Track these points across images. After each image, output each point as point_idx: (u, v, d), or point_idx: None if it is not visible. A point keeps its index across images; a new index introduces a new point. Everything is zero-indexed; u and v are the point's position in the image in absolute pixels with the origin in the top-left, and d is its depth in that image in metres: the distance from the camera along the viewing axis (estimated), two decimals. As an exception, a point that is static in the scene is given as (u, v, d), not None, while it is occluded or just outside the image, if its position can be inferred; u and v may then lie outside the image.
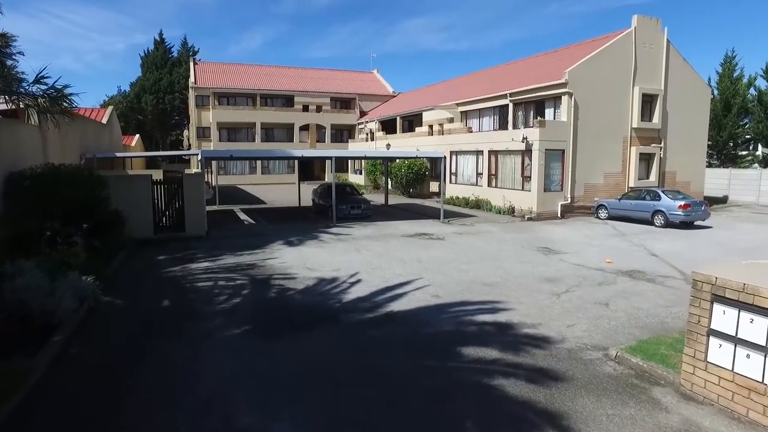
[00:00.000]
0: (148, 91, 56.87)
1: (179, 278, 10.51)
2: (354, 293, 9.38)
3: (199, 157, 17.86)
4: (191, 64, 48.20)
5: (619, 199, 21.45)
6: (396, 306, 8.57)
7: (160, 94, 56.94)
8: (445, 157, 21.25)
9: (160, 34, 59.57)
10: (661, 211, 19.38)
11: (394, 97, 50.13)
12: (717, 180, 30.92)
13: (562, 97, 22.74)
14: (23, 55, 8.47)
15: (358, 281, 10.32)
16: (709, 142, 30.39)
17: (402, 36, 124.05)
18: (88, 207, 12.79)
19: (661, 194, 19.76)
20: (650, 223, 19.81)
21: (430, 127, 32.24)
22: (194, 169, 38.65)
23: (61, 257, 10.21)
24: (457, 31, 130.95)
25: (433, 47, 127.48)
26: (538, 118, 22.74)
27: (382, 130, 40.26)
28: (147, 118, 59.32)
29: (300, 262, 12.20)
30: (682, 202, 19.00)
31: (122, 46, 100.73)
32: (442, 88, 39.40)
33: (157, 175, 19.06)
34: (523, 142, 22.04)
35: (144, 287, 9.83)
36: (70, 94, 7.88)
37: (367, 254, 13.31)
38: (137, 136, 46.53)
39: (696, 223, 19.50)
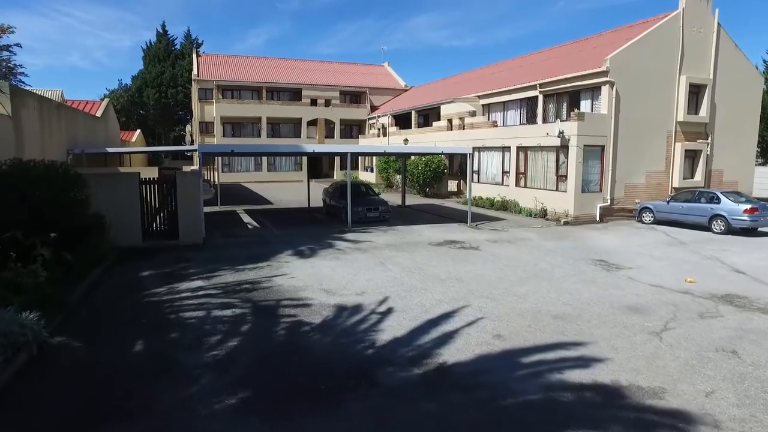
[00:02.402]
0: (150, 84, 54.74)
1: (163, 305, 8.29)
2: (389, 331, 7.12)
3: (197, 153, 15.66)
4: (194, 56, 46.02)
5: (668, 202, 19.05)
6: (449, 353, 6.32)
7: (162, 87, 54.79)
8: (471, 154, 18.94)
9: (163, 26, 57.45)
10: (722, 216, 16.99)
11: (407, 91, 47.76)
12: (762, 179, 28.37)
13: (602, 87, 20.34)
14: (21, 47, 6.47)
15: (391, 311, 8.06)
16: (755, 138, 27.82)
17: (407, 33, 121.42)
18: (60, 211, 10.65)
19: (721, 196, 17.34)
20: (707, 229, 17.41)
21: (449, 121, 29.88)
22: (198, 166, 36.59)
23: (12, 278, 8.08)
24: (462, 28, 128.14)
25: (438, 44, 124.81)
26: (575, 110, 20.36)
27: (396, 125, 37.99)
28: (149, 112, 57.27)
29: (314, 281, 9.96)
30: (748, 206, 16.59)
31: (129, 43, 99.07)
32: (459, 81, 37.00)
33: (151, 173, 16.91)
34: (559, 137, 19.68)
35: (115, 320, 7.61)
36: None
37: (394, 270, 11.05)
38: (138, 131, 44.45)
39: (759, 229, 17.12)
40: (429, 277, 10.35)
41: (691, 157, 22.47)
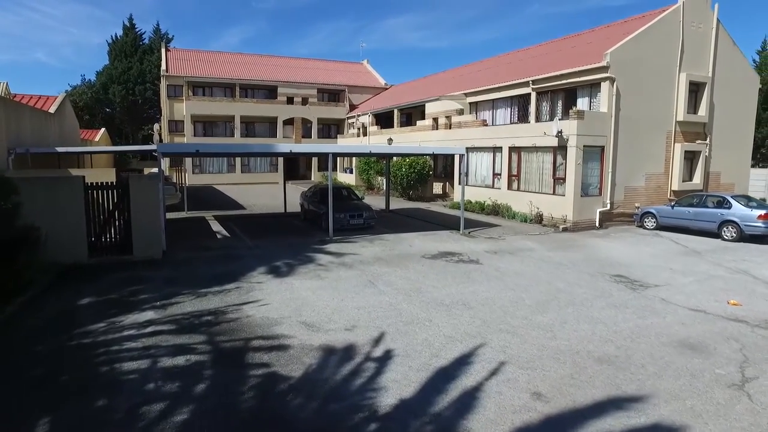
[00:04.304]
0: (116, 80, 51.76)
1: (96, 351, 6.38)
2: (393, 389, 5.40)
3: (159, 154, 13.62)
4: (163, 50, 43.41)
5: (673, 206, 17.83)
6: (480, 427, 4.62)
7: (129, 84, 51.89)
8: (464, 155, 17.34)
9: (130, 19, 54.48)
10: (733, 222, 15.80)
11: (387, 89, 46.10)
12: (755, 181, 27.59)
13: (602, 83, 19.01)
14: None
15: (391, 355, 6.34)
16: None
17: (384, 34, 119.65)
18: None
19: (732, 201, 16.16)
20: (716, 235, 16.23)
21: (435, 120, 28.32)
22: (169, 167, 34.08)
23: None
24: (438, 29, 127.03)
25: (415, 45, 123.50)
26: (573, 108, 19.00)
27: (377, 125, 36.28)
28: (115, 110, 54.24)
29: (292, 310, 8.16)
30: (762, 211, 15.42)
31: (98, 40, 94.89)
32: (444, 78, 35.52)
33: (106, 175, 14.82)
34: (557, 136, 18.27)
35: (24, 376, 5.67)
36: None
37: (388, 292, 9.32)
38: (102, 130, 41.78)
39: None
40: (430, 303, 8.66)
41: (690, 158, 21.38)
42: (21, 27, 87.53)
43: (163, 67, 40.49)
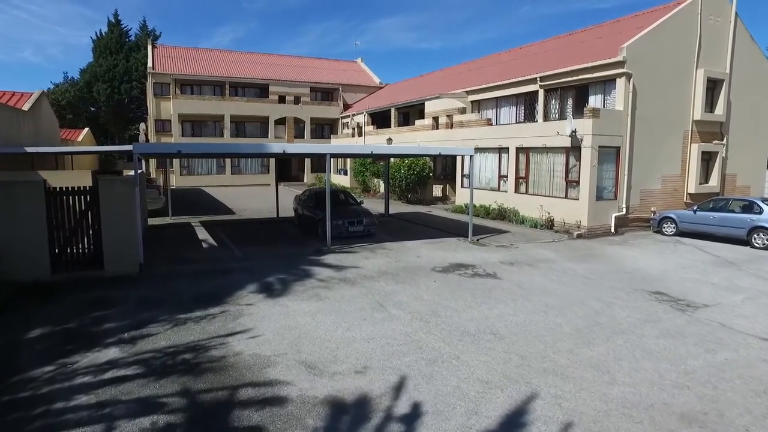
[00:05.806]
0: (100, 78, 49.81)
1: (32, 411, 4.91)
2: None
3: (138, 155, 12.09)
4: (149, 47, 41.67)
5: (695, 211, 16.60)
6: None
7: (114, 82, 49.95)
8: (472, 156, 15.96)
9: (115, 15, 52.50)
10: (765, 228, 14.61)
11: (382, 88, 44.71)
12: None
13: (617, 79, 17.76)
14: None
15: (418, 412, 4.93)
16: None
17: (376, 34, 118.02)
18: None
19: (763, 205, 14.97)
20: (745, 243, 15.04)
21: (435, 119, 27.00)
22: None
23: None
24: (430, 30, 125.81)
25: (407, 46, 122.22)
26: (587, 106, 17.73)
27: (373, 124, 34.88)
28: (100, 109, 52.27)
29: (289, 344, 6.73)
30: (797, 217, 14.27)
31: (86, 39, 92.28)
32: (444, 76, 34.18)
33: (81, 179, 13.29)
34: (570, 136, 16.98)
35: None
36: None
37: (400, 318, 7.92)
38: (86, 129, 39.90)
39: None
40: (453, 332, 7.27)
41: (707, 159, 20.20)
42: (7, 26, 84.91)
43: (150, 64, 38.78)
